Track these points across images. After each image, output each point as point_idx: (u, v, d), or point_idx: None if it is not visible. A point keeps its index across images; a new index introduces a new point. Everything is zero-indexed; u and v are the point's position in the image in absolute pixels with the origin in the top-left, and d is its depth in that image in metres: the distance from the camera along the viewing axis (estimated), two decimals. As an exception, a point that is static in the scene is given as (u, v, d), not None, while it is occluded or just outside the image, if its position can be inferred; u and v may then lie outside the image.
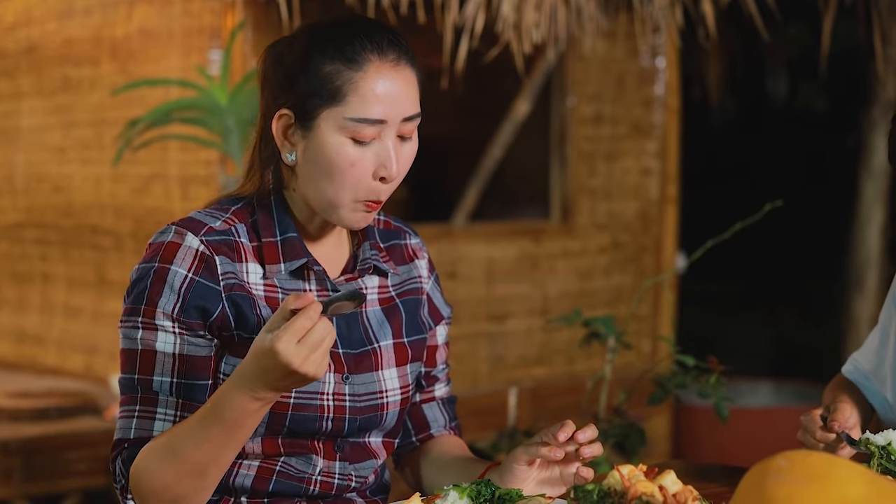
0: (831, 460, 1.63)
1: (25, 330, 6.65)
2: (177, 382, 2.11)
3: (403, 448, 2.43)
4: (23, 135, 6.60)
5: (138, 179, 5.95)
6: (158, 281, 2.11)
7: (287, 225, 2.18)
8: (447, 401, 2.44)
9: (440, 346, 2.42)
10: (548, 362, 6.37)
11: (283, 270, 2.17)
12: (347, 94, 2.08)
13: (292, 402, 2.14)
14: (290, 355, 1.90)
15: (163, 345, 2.11)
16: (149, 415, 2.11)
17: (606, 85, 6.51)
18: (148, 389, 2.11)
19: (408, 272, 2.35)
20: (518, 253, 6.29)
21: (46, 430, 5.10)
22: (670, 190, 6.68)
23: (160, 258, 2.12)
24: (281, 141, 2.14)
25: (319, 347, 1.92)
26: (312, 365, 1.92)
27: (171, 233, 2.14)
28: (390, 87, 2.10)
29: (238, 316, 2.13)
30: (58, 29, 6.33)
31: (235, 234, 2.17)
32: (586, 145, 6.48)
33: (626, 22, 6.30)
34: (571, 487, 2.02)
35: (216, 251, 2.13)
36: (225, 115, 4.87)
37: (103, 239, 6.17)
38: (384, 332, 2.26)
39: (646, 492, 1.92)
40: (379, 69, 2.09)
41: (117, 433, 2.14)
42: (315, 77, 2.09)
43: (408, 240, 2.38)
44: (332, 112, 2.09)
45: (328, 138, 2.09)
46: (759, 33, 5.36)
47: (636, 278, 6.58)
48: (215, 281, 2.12)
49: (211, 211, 2.19)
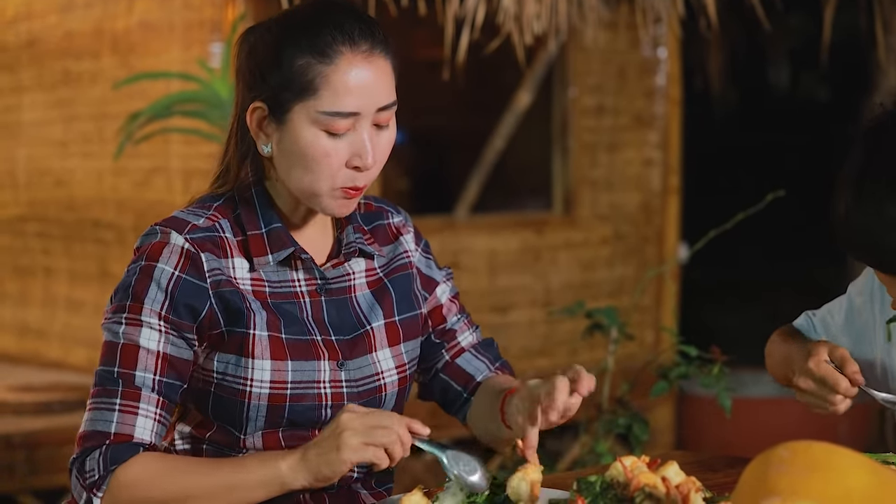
0: (833, 450, 1.63)
1: (28, 324, 6.66)
2: (159, 380, 2.10)
3: (460, 410, 2.40)
4: (24, 129, 6.60)
5: (140, 173, 5.95)
6: (144, 278, 2.11)
7: (271, 216, 2.18)
8: (481, 345, 2.42)
9: (445, 303, 2.39)
10: (550, 354, 6.37)
11: (272, 261, 2.17)
12: (319, 87, 2.08)
13: (289, 393, 2.14)
14: (344, 412, 1.97)
15: (146, 341, 2.10)
16: (131, 409, 2.09)
17: (608, 76, 6.50)
18: (130, 384, 2.09)
19: (393, 250, 2.34)
20: (520, 244, 6.29)
21: (49, 423, 5.10)
22: (672, 180, 6.68)
23: (146, 257, 2.12)
24: (256, 132, 2.15)
25: (371, 428, 1.95)
26: (350, 433, 1.95)
27: (156, 234, 2.14)
28: (363, 79, 2.09)
29: (226, 312, 2.13)
30: (58, 22, 6.32)
31: (220, 229, 2.17)
32: (588, 136, 6.48)
33: (628, 12, 6.29)
34: (575, 479, 2.02)
35: (201, 248, 2.13)
36: (226, 108, 4.86)
37: (105, 232, 6.18)
38: (375, 313, 2.26)
39: (648, 483, 1.92)
40: (350, 61, 2.09)
41: (91, 424, 2.11)
42: (287, 71, 2.09)
43: (390, 218, 2.37)
44: (305, 105, 2.09)
45: (302, 131, 2.10)
46: (761, 23, 5.35)
47: (638, 269, 6.58)
48: (202, 278, 2.12)
49: (193, 209, 2.19)
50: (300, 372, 2.16)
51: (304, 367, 2.16)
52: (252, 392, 2.14)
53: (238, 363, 2.14)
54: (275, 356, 2.14)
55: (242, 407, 2.15)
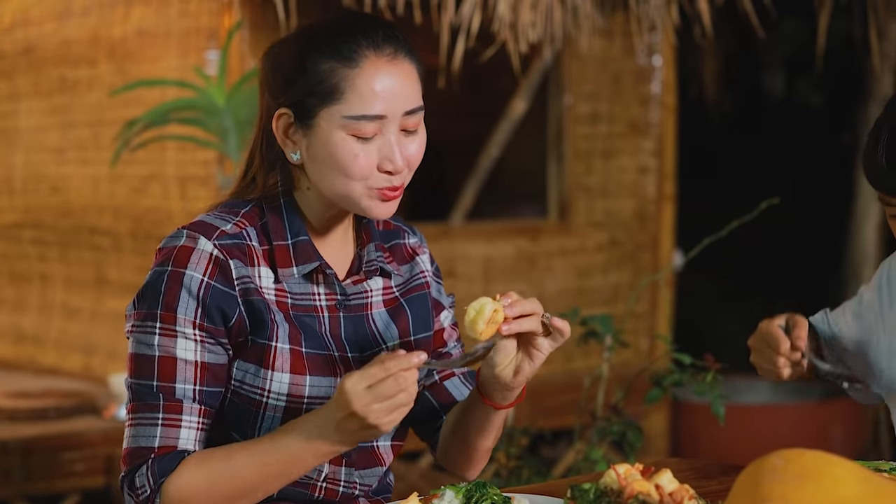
0: (826, 458, 1.64)
1: (24, 330, 6.65)
2: (199, 389, 2.09)
3: (433, 433, 2.39)
4: (21, 135, 6.60)
5: (136, 179, 5.95)
6: (174, 285, 2.08)
7: (298, 228, 2.17)
8: (468, 374, 2.41)
9: (447, 328, 2.40)
10: (545, 360, 6.36)
11: (296, 274, 2.15)
12: (345, 91, 2.08)
13: (305, 408, 2.14)
14: (353, 395, 1.93)
15: (183, 351, 2.09)
16: (174, 423, 2.08)
17: (603, 83, 6.51)
18: (171, 397, 2.08)
19: (410, 270, 2.34)
20: (515, 251, 6.30)
21: (45, 430, 5.09)
22: (667, 188, 6.69)
23: (173, 262, 2.10)
24: (282, 140, 2.14)
25: (387, 400, 1.93)
26: (375, 414, 1.94)
27: (182, 237, 2.12)
28: (388, 83, 2.09)
29: (253, 321, 2.12)
30: (55, 30, 6.33)
31: (247, 237, 2.15)
32: (583, 144, 6.49)
33: (623, 20, 6.30)
34: (569, 486, 2.03)
35: (230, 255, 2.11)
36: (222, 116, 4.87)
37: (101, 239, 6.18)
38: (390, 332, 2.25)
39: (642, 490, 1.92)
40: (375, 65, 2.09)
41: (134, 441, 2.10)
42: (312, 76, 2.09)
43: (407, 239, 2.37)
44: (331, 110, 2.08)
45: (329, 136, 2.09)
46: (755, 30, 5.36)
47: (633, 276, 6.59)
48: (230, 285, 2.10)
49: (220, 214, 2.17)
50: (317, 388, 2.15)
51: (321, 383, 2.15)
52: (268, 403, 2.13)
53: (257, 373, 2.13)
54: (294, 370, 2.13)
55: (256, 416, 2.14)
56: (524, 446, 4.18)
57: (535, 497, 2.09)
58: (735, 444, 6.09)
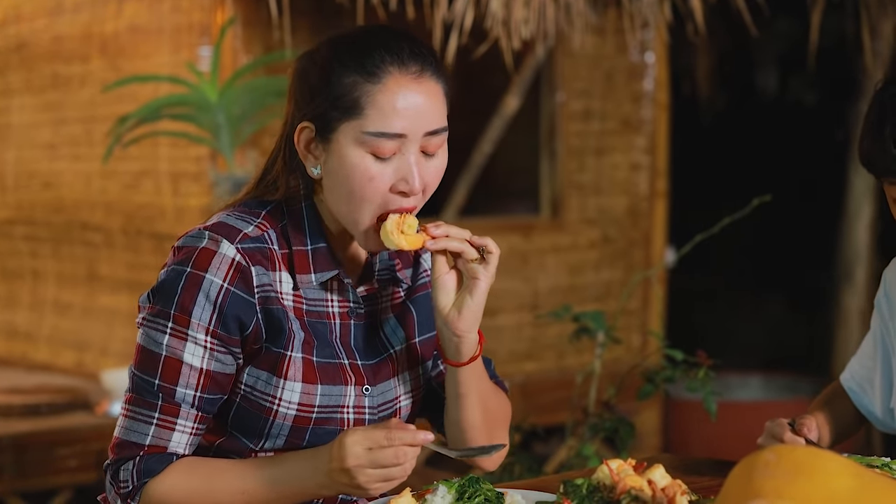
0: (818, 454, 1.64)
1: (16, 326, 6.65)
2: (199, 396, 2.09)
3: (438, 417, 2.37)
4: (13, 131, 6.59)
5: (128, 176, 5.95)
6: (192, 287, 2.06)
7: (318, 234, 2.15)
8: None
9: None
10: (538, 357, 6.38)
11: (315, 282, 2.14)
12: (366, 107, 2.04)
13: (315, 417, 2.13)
14: (350, 452, 1.95)
15: (191, 357, 2.07)
16: (168, 425, 2.08)
17: (595, 80, 6.51)
18: (170, 399, 2.08)
19: (414, 271, 2.33)
20: (508, 248, 6.29)
21: (37, 426, 5.09)
22: (659, 184, 6.69)
23: (193, 264, 2.07)
24: (304, 154, 2.11)
25: (381, 469, 1.95)
26: (366, 478, 1.96)
27: (204, 238, 2.09)
28: (411, 101, 2.05)
29: (270, 329, 2.10)
30: (47, 26, 6.32)
31: (269, 240, 2.13)
32: (576, 141, 6.49)
33: (615, 17, 6.31)
34: (561, 482, 2.03)
35: (252, 260, 2.08)
36: (215, 112, 4.87)
37: (94, 235, 6.17)
38: (398, 336, 2.25)
39: (635, 486, 1.93)
40: (399, 82, 2.05)
41: (126, 433, 2.10)
42: (334, 90, 2.06)
43: None
44: (351, 125, 2.05)
45: (347, 152, 2.06)
46: (748, 28, 5.37)
47: (626, 273, 6.59)
48: (250, 293, 2.08)
49: (241, 215, 2.14)
50: (327, 396, 2.14)
51: (331, 392, 2.14)
52: (279, 411, 2.12)
53: (269, 381, 2.11)
54: (306, 379, 2.12)
55: (266, 423, 2.13)
56: (517, 443, 4.19)
57: (528, 493, 2.09)
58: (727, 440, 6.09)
